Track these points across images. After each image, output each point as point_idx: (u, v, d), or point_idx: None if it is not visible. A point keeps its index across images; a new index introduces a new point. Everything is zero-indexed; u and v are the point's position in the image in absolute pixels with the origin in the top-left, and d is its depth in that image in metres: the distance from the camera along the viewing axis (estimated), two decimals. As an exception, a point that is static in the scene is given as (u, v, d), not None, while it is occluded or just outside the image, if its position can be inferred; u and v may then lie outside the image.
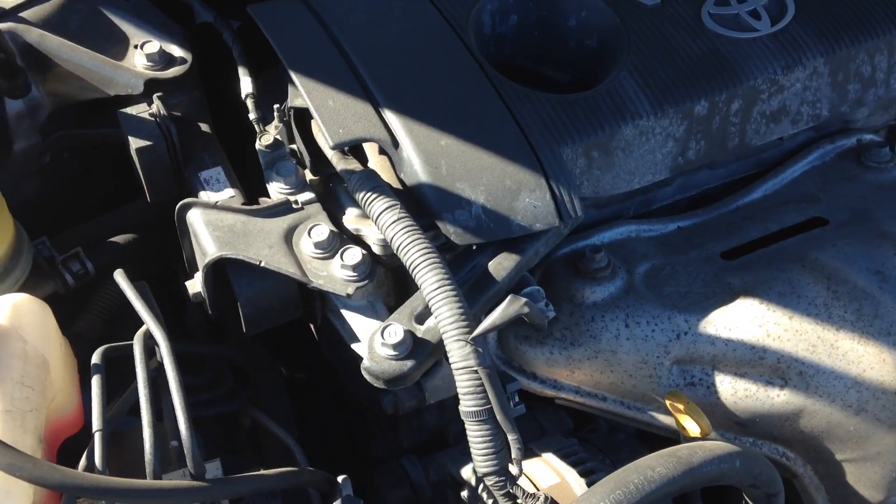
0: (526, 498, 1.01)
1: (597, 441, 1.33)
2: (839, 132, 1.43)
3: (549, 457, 1.22)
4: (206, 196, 1.23)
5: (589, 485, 1.15)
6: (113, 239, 1.33)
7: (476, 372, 0.99)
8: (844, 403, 1.15)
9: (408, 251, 1.04)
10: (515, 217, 1.12)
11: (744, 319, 1.18)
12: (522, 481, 1.03)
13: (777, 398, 1.17)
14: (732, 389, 1.19)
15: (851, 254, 1.22)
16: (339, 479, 1.14)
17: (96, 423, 1.01)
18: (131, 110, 1.27)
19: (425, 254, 1.03)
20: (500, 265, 1.11)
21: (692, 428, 1.10)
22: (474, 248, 1.13)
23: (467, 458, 1.06)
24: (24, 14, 1.32)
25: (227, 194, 1.23)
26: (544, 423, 1.37)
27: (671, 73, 1.22)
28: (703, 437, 1.09)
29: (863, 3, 1.32)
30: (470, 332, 0.99)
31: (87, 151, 1.45)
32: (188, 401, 1.02)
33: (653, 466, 0.98)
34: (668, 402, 1.11)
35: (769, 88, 1.25)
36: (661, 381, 1.21)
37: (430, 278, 1.02)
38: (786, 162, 1.40)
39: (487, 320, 1.00)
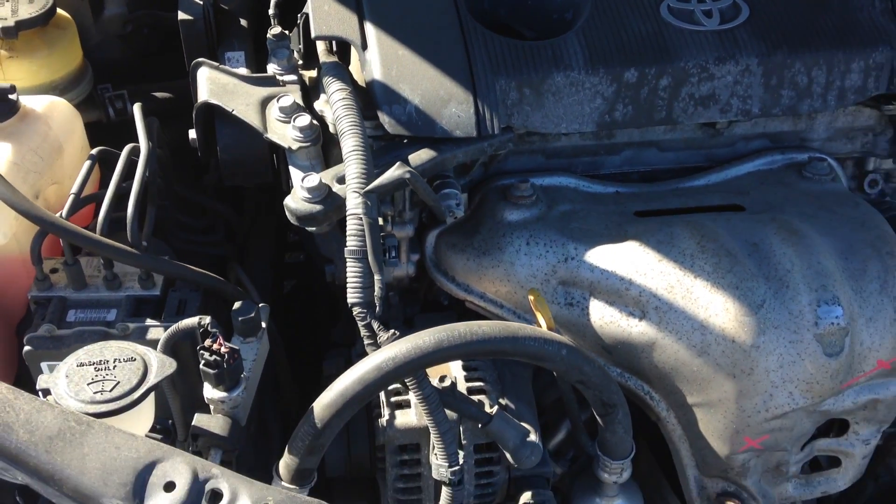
0: (379, 329, 1.22)
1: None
2: (795, 147, 1.58)
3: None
4: (224, 67, 1.53)
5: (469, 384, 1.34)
6: (155, 93, 1.66)
7: (361, 219, 1.23)
8: (690, 343, 1.30)
9: (339, 121, 1.29)
10: (440, 121, 1.35)
11: (620, 255, 1.36)
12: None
13: (634, 328, 1.34)
14: (601, 315, 1.36)
15: (737, 226, 1.37)
16: (260, 305, 1.40)
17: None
18: (191, -6, 1.60)
19: (351, 124, 1.28)
20: (419, 157, 1.35)
21: (549, 321, 1.28)
22: (405, 141, 1.37)
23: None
24: None
25: (241, 71, 1.53)
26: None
27: (613, 41, 1.42)
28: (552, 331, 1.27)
29: (814, 21, 1.47)
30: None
31: (165, 32, 1.80)
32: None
33: (481, 325, 1.18)
34: (530, 297, 1.30)
35: (699, 73, 1.42)
36: (546, 295, 1.39)
37: (348, 142, 1.27)
38: (734, 161, 1.56)
39: (376, 181, 1.23)
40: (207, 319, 1.14)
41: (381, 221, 1.34)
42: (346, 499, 1.55)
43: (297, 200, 1.29)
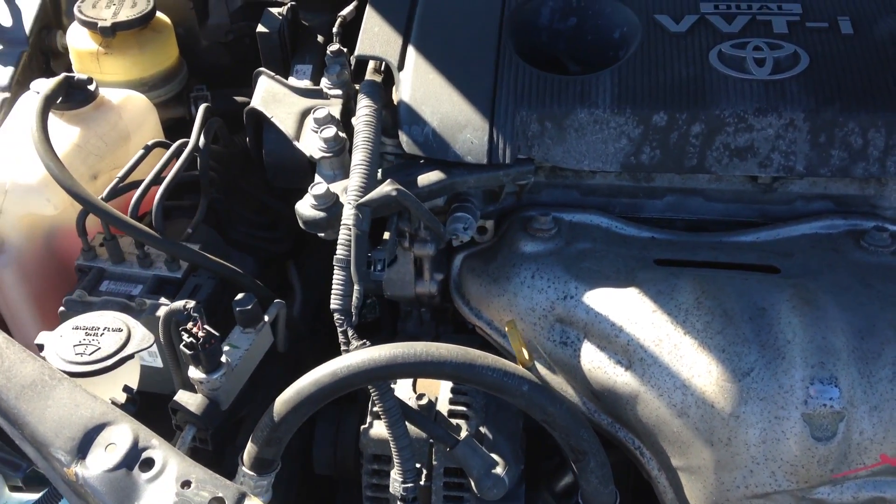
0: (353, 338, 1.27)
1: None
2: (862, 214, 1.45)
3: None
4: (291, 80, 1.65)
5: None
6: (236, 97, 1.81)
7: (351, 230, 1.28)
8: (670, 401, 1.24)
9: (356, 136, 1.36)
10: (454, 145, 1.38)
11: (617, 300, 1.32)
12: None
13: (619, 377, 1.29)
14: (591, 358, 1.33)
15: (751, 287, 1.29)
16: (277, 300, 1.48)
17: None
18: (274, 9, 1.73)
19: (364, 140, 1.34)
20: (428, 178, 1.38)
21: (520, 355, 1.27)
22: (422, 161, 1.41)
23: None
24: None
25: (304, 83, 1.64)
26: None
27: (646, 83, 1.38)
28: (524, 366, 1.25)
29: (879, 80, 1.35)
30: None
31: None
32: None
33: (440, 347, 1.19)
34: (506, 327, 1.29)
35: (736, 123, 1.35)
36: (542, 331, 1.38)
37: (356, 156, 1.33)
38: (791, 221, 1.46)
39: (368, 195, 1.28)
40: (192, 304, 1.24)
41: (400, 238, 1.40)
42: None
43: (305, 206, 1.37)
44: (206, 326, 1.24)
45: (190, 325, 1.23)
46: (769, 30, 1.45)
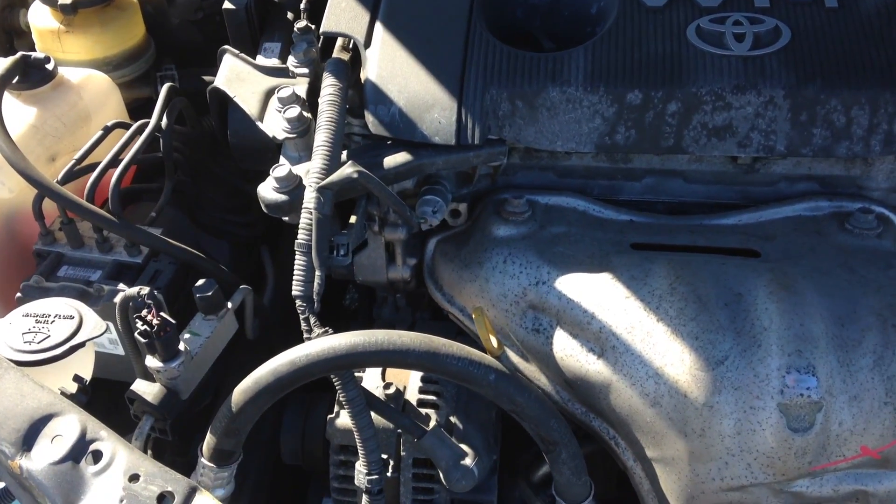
0: (314, 325, 1.22)
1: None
2: (848, 195, 1.40)
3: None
4: (259, 58, 1.59)
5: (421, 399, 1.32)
6: (205, 77, 1.75)
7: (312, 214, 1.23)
8: (643, 391, 1.19)
9: (319, 116, 1.31)
10: (421, 126, 1.32)
11: (590, 286, 1.27)
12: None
13: (592, 366, 1.24)
14: (563, 346, 1.28)
15: (727, 272, 1.24)
16: (242, 286, 1.44)
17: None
18: (242, -13, 1.67)
19: (327, 120, 1.29)
20: (395, 159, 1.33)
21: (488, 344, 1.22)
22: (389, 143, 1.36)
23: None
24: None
25: (272, 62, 1.58)
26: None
27: (621, 60, 1.33)
28: (492, 355, 1.21)
29: (863, 55, 1.30)
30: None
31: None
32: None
33: (403, 335, 1.15)
34: (473, 314, 1.24)
35: (713, 101, 1.29)
36: (515, 318, 1.33)
37: (318, 137, 1.28)
38: (773, 203, 1.41)
39: (329, 178, 1.23)
40: (146, 290, 1.19)
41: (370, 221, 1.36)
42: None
43: (267, 189, 1.32)
44: (161, 314, 1.19)
45: (144, 312, 1.19)
46: (750, 3, 1.39)
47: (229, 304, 1.35)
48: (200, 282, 1.32)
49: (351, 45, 1.47)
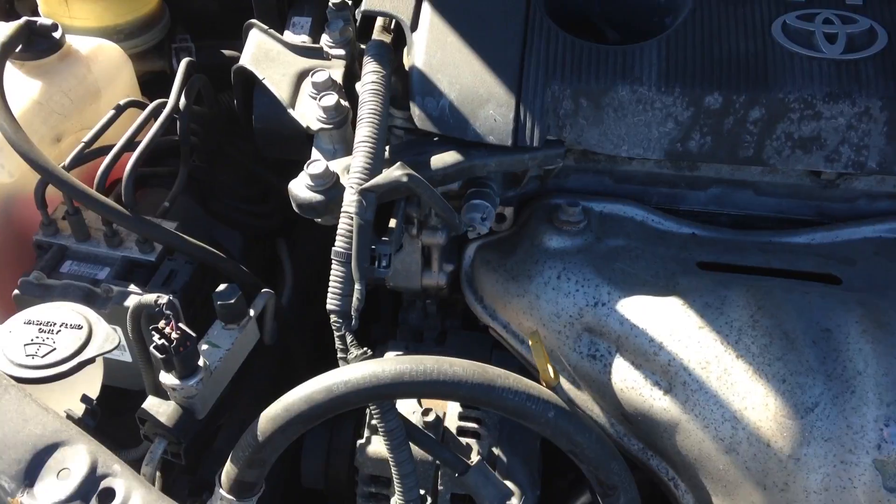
0: (351, 345, 1.09)
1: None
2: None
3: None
4: (287, 33, 1.44)
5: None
6: (224, 51, 1.60)
7: (353, 219, 1.09)
8: (717, 435, 1.07)
9: (360, 107, 1.16)
10: (474, 123, 1.18)
11: (658, 312, 1.14)
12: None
13: (658, 401, 1.12)
14: (624, 377, 1.16)
15: (812, 303, 1.12)
16: (264, 290, 1.30)
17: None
18: (270, -47, 1.52)
19: (370, 111, 1.15)
20: (443, 159, 1.19)
21: (545, 374, 1.10)
22: (435, 139, 1.22)
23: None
24: None
25: (301, 38, 1.43)
26: (493, 361, 1.39)
27: (699, 57, 1.19)
28: (547, 386, 1.09)
29: (971, 67, 1.17)
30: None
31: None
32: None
33: (455, 364, 1.02)
34: (530, 340, 1.12)
35: (801, 110, 1.16)
36: (568, 341, 1.21)
37: (360, 131, 1.14)
38: (851, 221, 1.28)
39: (373, 180, 1.09)
40: (164, 299, 1.06)
41: (411, 225, 1.22)
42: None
43: (300, 187, 1.18)
44: (180, 325, 1.06)
45: (162, 323, 1.05)
46: (841, 0, 1.25)
47: (251, 312, 1.22)
48: (222, 287, 1.18)
49: (392, 25, 1.33)
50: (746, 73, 1.18)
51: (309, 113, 1.24)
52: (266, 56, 1.32)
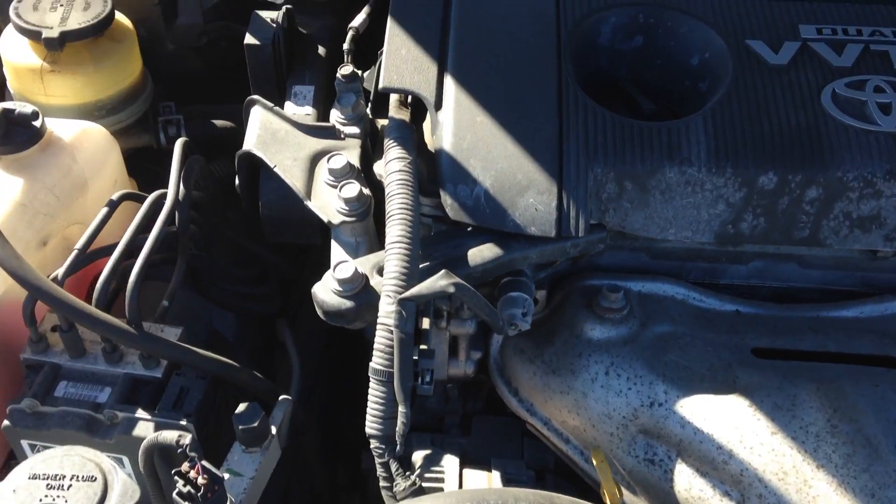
0: (397, 474, 0.99)
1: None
2: None
3: (494, 475, 1.17)
4: (289, 105, 1.33)
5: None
6: (214, 121, 1.47)
7: (392, 332, 0.99)
8: (798, 552, 0.99)
9: (390, 201, 1.06)
10: (514, 212, 1.09)
11: (723, 413, 1.06)
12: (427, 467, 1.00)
13: (727, 514, 1.04)
14: (688, 485, 1.07)
15: (886, 398, 1.04)
16: (281, 397, 1.19)
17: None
18: (265, 14, 1.39)
19: (401, 206, 1.04)
20: (481, 253, 1.09)
21: (612, 496, 1.01)
22: (469, 229, 1.12)
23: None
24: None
25: (305, 111, 1.32)
26: (526, 451, 1.31)
27: (748, 132, 1.11)
28: (610, 507, 1.00)
29: None
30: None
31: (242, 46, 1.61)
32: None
33: (519, 497, 0.92)
34: (594, 459, 1.03)
35: (861, 188, 1.09)
36: (622, 444, 1.12)
37: (393, 230, 1.03)
38: (897, 292, 1.22)
39: (415, 288, 0.99)
40: (188, 439, 0.94)
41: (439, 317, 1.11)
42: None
43: (326, 291, 1.07)
44: (205, 464, 0.94)
45: (185, 466, 0.93)
46: (888, 64, 1.19)
47: (273, 430, 1.10)
48: (242, 408, 1.06)
49: (409, 100, 1.22)
50: (801, 150, 1.10)
51: (328, 205, 1.13)
52: (273, 138, 1.21)
